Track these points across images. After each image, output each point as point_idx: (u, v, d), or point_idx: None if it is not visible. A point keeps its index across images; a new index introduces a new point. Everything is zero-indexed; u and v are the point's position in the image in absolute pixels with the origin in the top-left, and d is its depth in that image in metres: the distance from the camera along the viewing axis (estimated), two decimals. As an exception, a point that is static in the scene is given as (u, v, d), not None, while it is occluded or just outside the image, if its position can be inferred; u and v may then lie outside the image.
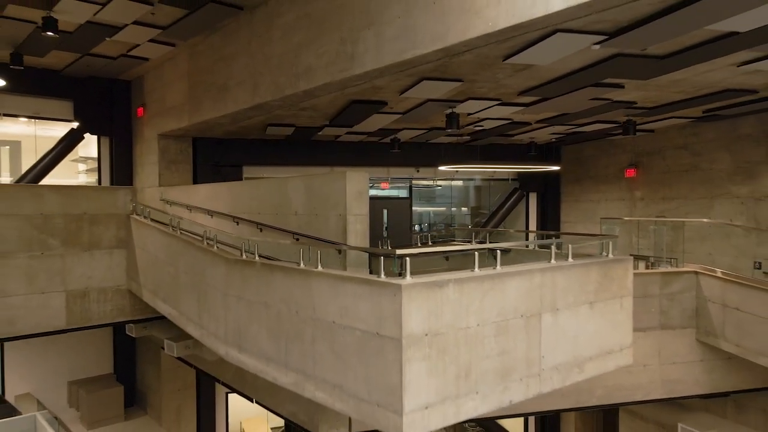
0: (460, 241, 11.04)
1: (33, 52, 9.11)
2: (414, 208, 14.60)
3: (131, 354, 12.75)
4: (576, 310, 4.90)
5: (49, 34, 7.51)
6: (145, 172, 11.00)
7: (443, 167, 12.05)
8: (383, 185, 13.83)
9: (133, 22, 7.86)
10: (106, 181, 11.57)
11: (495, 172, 14.19)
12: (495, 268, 4.42)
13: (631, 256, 5.74)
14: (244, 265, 5.51)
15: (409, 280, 3.84)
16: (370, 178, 6.10)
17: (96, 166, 11.88)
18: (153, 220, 8.41)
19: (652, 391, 7.91)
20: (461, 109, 8.55)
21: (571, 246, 5.13)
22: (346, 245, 5.53)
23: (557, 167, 13.46)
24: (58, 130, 11.27)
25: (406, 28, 5.30)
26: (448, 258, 7.95)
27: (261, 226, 7.07)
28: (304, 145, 11.92)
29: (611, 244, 5.54)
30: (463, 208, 16.99)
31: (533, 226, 14.54)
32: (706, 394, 8.24)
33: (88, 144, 12.02)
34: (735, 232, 9.91)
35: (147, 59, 9.77)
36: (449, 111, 8.59)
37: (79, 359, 11.98)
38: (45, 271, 8.36)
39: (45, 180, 10.60)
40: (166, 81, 10.02)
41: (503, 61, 5.90)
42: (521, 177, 14.37)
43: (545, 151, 13.95)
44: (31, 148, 11.29)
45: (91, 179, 13.22)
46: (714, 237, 10.20)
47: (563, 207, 14.36)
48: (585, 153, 13.57)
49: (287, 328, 4.83)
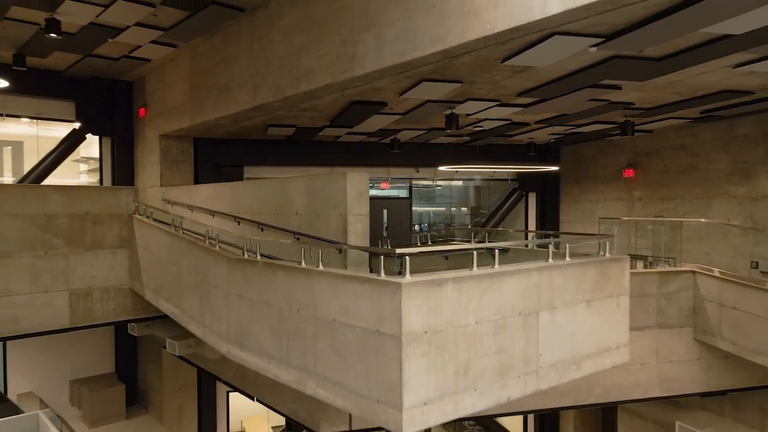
0: (459, 241, 11.10)
1: (35, 53, 9.17)
2: (414, 208, 14.66)
3: (133, 353, 12.81)
4: (573, 309, 4.97)
5: (53, 35, 7.56)
6: (147, 173, 11.06)
7: (443, 167, 12.11)
8: (383, 185, 13.88)
9: (135, 24, 7.92)
10: (107, 181, 11.62)
11: (494, 172, 14.24)
12: (493, 267, 4.48)
13: (628, 256, 5.80)
14: (246, 264, 5.58)
15: (408, 278, 3.91)
16: (370, 179, 6.16)
17: (98, 166, 11.94)
18: (155, 219, 8.47)
19: (650, 390, 7.96)
20: (461, 109, 8.61)
21: (568, 245, 5.19)
22: (346, 245, 5.60)
23: (556, 167, 13.52)
24: (60, 131, 11.34)
25: (405, 30, 5.37)
26: (447, 257, 8.01)
27: (262, 226, 7.13)
28: (305, 146, 11.98)
29: (608, 243, 5.61)
30: (462, 208, 17.05)
31: (532, 226, 14.59)
32: (704, 393, 8.28)
33: (90, 144, 12.08)
34: (732, 232, 9.96)
35: (149, 60, 9.83)
36: (449, 112, 8.65)
37: (81, 358, 12.04)
38: (48, 270, 8.42)
39: (47, 180, 10.66)
40: (167, 82, 10.08)
41: (502, 62, 5.96)
42: (520, 177, 14.42)
43: (544, 152, 14.01)
44: (33, 148, 11.37)
45: (92, 179, 13.27)
46: (712, 237, 10.26)
47: (562, 207, 14.41)
48: (584, 153, 13.63)
49: (289, 327, 4.90)
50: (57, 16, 7.46)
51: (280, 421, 13.38)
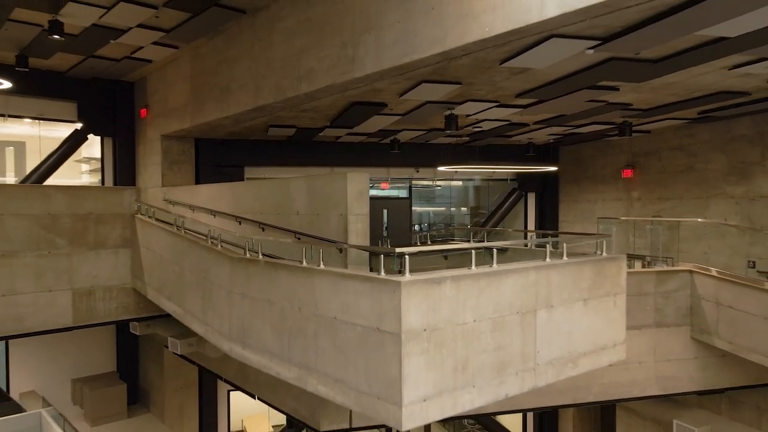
0: (459, 241, 11.16)
1: (38, 54, 9.22)
2: (414, 208, 14.71)
3: (134, 352, 12.86)
4: (570, 307, 5.04)
5: (55, 37, 7.60)
6: (148, 173, 11.11)
7: (442, 168, 12.16)
8: (383, 185, 13.93)
9: (138, 25, 7.96)
10: (109, 181, 11.67)
11: (494, 172, 14.28)
12: (491, 266, 4.55)
13: (625, 255, 5.86)
14: (248, 263, 5.65)
15: (408, 277, 3.98)
16: (370, 179, 6.23)
17: (99, 166, 12.00)
18: (158, 219, 8.53)
19: (648, 388, 8.01)
20: (460, 110, 8.66)
21: (565, 245, 5.26)
22: (347, 244, 5.66)
23: (555, 167, 13.58)
24: (62, 131, 11.38)
25: (405, 32, 5.43)
26: (447, 257, 8.07)
27: (263, 226, 7.19)
28: (305, 146, 12.03)
29: (605, 243, 5.68)
30: (462, 208, 17.11)
31: (532, 226, 14.63)
32: (701, 391, 8.33)
33: (92, 144, 12.14)
34: (730, 232, 10.02)
35: (150, 61, 9.88)
36: (448, 112, 8.69)
37: (82, 357, 12.10)
38: (52, 269, 8.49)
39: (49, 180, 10.72)
40: (169, 82, 10.13)
41: (500, 64, 6.02)
42: (520, 177, 14.47)
43: (543, 152, 14.06)
44: (35, 148, 11.41)
45: (94, 179, 13.33)
46: (709, 236, 10.31)
47: (561, 207, 14.47)
48: (583, 153, 13.68)
49: (290, 325, 4.97)
50: (60, 17, 7.49)
51: (281, 420, 13.45)
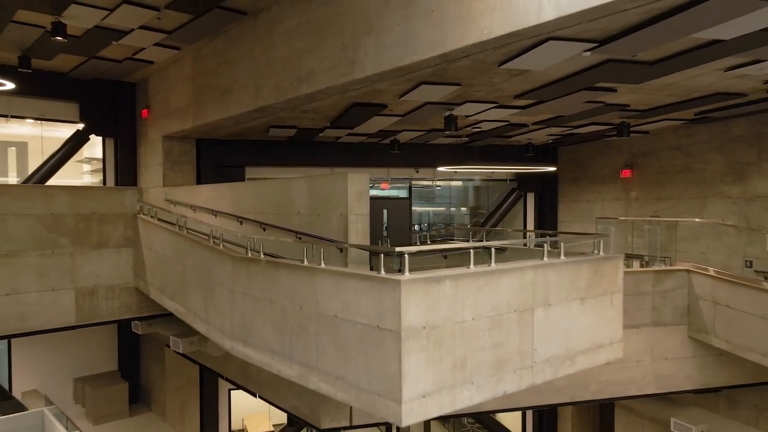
0: (458, 240, 11.22)
1: (41, 55, 9.27)
2: (413, 208, 14.76)
3: (135, 351, 12.94)
4: (567, 306, 5.11)
5: (58, 38, 7.63)
6: (150, 173, 11.17)
7: (442, 168, 12.21)
8: (383, 186, 13.98)
9: (140, 27, 7.99)
10: (110, 181, 11.73)
11: (493, 172, 14.31)
12: (490, 266, 4.62)
13: (622, 254, 5.94)
14: (250, 262, 5.72)
15: (407, 275, 4.05)
16: (370, 179, 6.28)
17: (101, 166, 12.06)
18: (160, 219, 8.60)
19: (645, 387, 8.07)
20: (459, 111, 8.71)
21: (563, 244, 5.33)
22: (347, 243, 5.73)
23: (554, 168, 13.63)
24: (64, 132, 11.45)
25: (405, 34, 5.49)
26: (446, 256, 8.13)
27: (264, 226, 7.25)
28: (306, 147, 12.07)
29: (602, 242, 5.75)
30: (462, 208, 17.16)
31: (531, 226, 14.67)
32: (698, 390, 8.40)
33: (93, 145, 12.20)
34: (727, 232, 10.07)
35: (152, 62, 9.94)
36: (447, 113, 8.72)
37: (84, 356, 12.18)
38: (55, 269, 8.57)
39: (51, 180, 10.79)
40: (170, 83, 10.19)
41: (499, 66, 6.08)
42: (519, 177, 14.50)
43: (543, 152, 14.11)
44: (37, 149, 11.48)
45: (95, 180, 13.40)
46: (707, 236, 10.37)
47: (560, 207, 14.51)
48: (582, 154, 13.73)
49: (291, 323, 5.04)
50: (63, 19, 7.52)
51: (281, 419, 13.50)
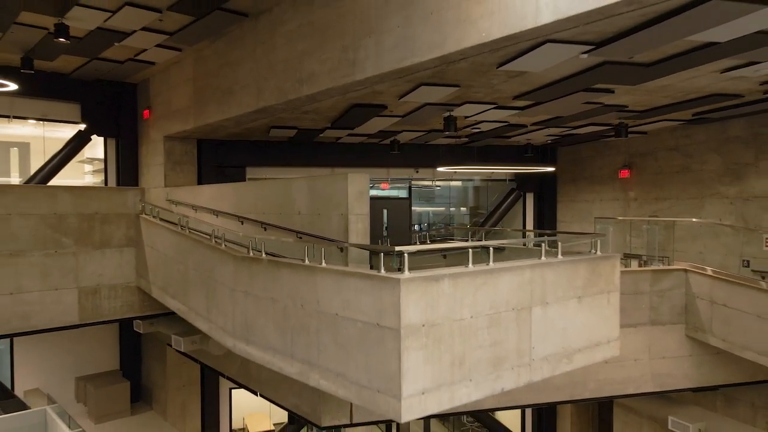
0: (458, 240, 11.27)
1: (43, 56, 9.34)
2: (413, 208, 14.80)
3: (137, 350, 13.00)
4: (565, 304, 5.18)
5: (61, 40, 7.69)
6: (151, 173, 11.23)
7: (442, 168, 12.27)
8: (383, 186, 14.02)
9: (142, 28, 8.05)
10: (112, 181, 11.80)
11: (493, 172, 14.36)
12: (488, 265, 4.70)
13: (619, 254, 6.01)
14: (252, 262, 5.79)
15: (407, 274, 4.12)
16: (370, 179, 6.35)
17: (102, 167, 12.12)
18: (162, 219, 8.67)
19: (643, 385, 8.14)
20: (458, 112, 8.76)
21: (560, 244, 5.41)
22: (348, 243, 5.80)
23: (553, 168, 13.69)
24: (66, 132, 11.50)
25: (405, 37, 5.57)
26: (445, 256, 8.19)
27: (265, 226, 7.32)
28: (306, 147, 12.13)
29: (599, 242, 5.82)
30: (461, 208, 17.21)
31: (530, 226, 14.72)
32: (696, 388, 8.46)
33: (95, 145, 12.25)
34: (724, 232, 10.14)
35: (153, 63, 10.00)
36: (447, 114, 8.78)
37: (86, 355, 12.24)
38: (58, 268, 8.63)
39: (53, 181, 10.85)
40: (171, 84, 10.25)
41: (497, 68, 6.14)
42: (518, 177, 14.54)
43: (542, 153, 14.17)
44: (39, 149, 11.54)
45: (97, 180, 13.46)
46: (705, 236, 10.44)
47: (559, 207, 14.57)
48: (580, 154, 13.79)
49: (293, 321, 5.11)
50: (66, 21, 7.58)
51: (282, 418, 13.57)
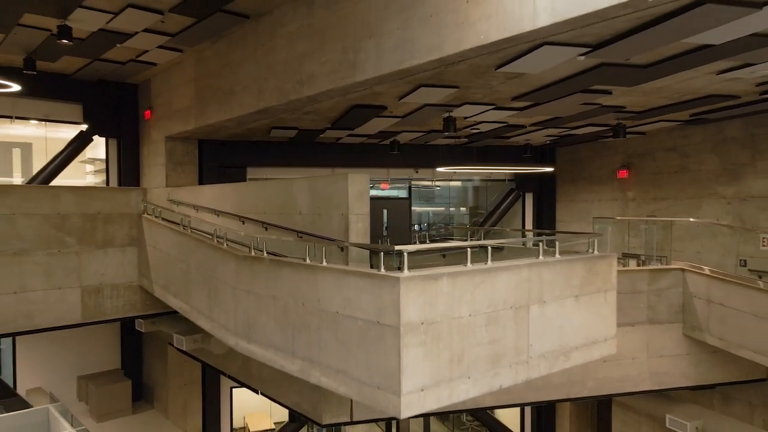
0: (457, 240, 11.34)
1: (46, 57, 9.41)
2: (413, 208, 14.87)
3: (138, 349, 13.07)
4: (562, 303, 5.25)
5: (64, 41, 7.76)
6: (153, 173, 11.31)
7: (441, 168, 12.33)
8: (383, 186, 14.08)
9: (144, 30, 8.14)
10: (113, 182, 11.86)
11: (492, 173, 14.41)
12: (486, 264, 4.77)
13: (615, 253, 6.07)
14: (254, 261, 5.86)
15: (406, 273, 4.19)
16: (370, 179, 6.42)
17: (104, 167, 12.19)
18: (164, 219, 8.74)
19: (641, 383, 8.20)
20: (458, 113, 8.82)
21: (557, 243, 5.48)
22: (348, 242, 5.88)
23: (552, 168, 13.76)
24: (68, 133, 11.57)
25: (404, 39, 5.64)
26: (445, 255, 8.25)
27: (266, 225, 7.40)
28: (307, 147, 12.20)
29: (596, 241, 5.89)
30: (461, 208, 17.28)
31: (529, 226, 14.77)
32: (693, 387, 8.53)
33: (96, 146, 12.32)
34: (721, 231, 10.21)
35: (155, 64, 10.08)
36: (446, 115, 8.84)
37: (88, 355, 12.31)
38: (62, 268, 8.69)
39: (55, 181, 10.92)
40: (173, 85, 10.33)
41: (496, 69, 6.21)
42: (518, 178, 14.59)
43: (541, 153, 14.24)
44: (41, 149, 11.61)
45: (98, 180, 13.53)
46: (702, 236, 10.51)
47: (558, 207, 14.63)
48: (579, 154, 13.85)
49: (294, 319, 5.19)
50: (69, 22, 7.66)
51: (282, 417, 13.64)
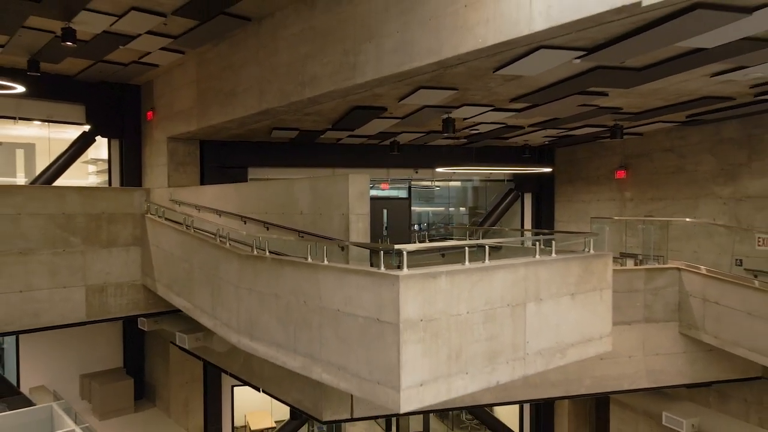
0: (456, 239, 11.44)
1: (49, 59, 9.51)
2: (413, 208, 14.94)
3: (140, 348, 13.17)
4: (558, 301, 5.36)
5: (68, 44, 7.86)
6: (154, 174, 11.40)
7: (441, 169, 12.41)
8: (383, 186, 14.14)
9: (147, 32, 8.23)
10: (116, 182, 11.96)
11: (491, 173, 14.47)
12: (484, 262, 4.88)
13: (611, 252, 6.17)
14: (256, 260, 5.97)
15: (406, 271, 4.30)
16: (370, 179, 6.52)
17: (106, 167, 12.29)
18: (167, 219, 8.85)
19: (637, 381, 8.31)
20: (457, 114, 8.90)
21: (554, 242, 5.59)
22: (349, 242, 5.99)
23: (550, 169, 13.85)
24: (71, 133, 11.67)
25: (404, 42, 5.75)
26: (444, 255, 8.36)
27: (268, 225, 7.50)
28: (308, 148, 12.27)
29: (592, 240, 6.00)
30: (460, 208, 17.37)
31: (528, 226, 14.82)
32: (690, 384, 8.63)
33: (98, 146, 12.42)
34: (718, 231, 10.30)
35: (157, 66, 10.17)
36: (445, 116, 8.90)
37: (90, 353, 12.42)
38: (67, 267, 8.81)
39: (58, 181, 11.02)
40: (175, 86, 10.42)
41: (494, 72, 6.31)
42: (516, 178, 14.65)
43: (539, 153, 14.31)
44: (44, 150, 11.71)
45: (100, 180, 13.64)
46: (699, 236, 10.60)
47: (557, 207, 14.70)
48: (577, 155, 13.94)
49: (296, 317, 5.30)
50: (73, 25, 7.76)
51: (283, 416, 13.73)
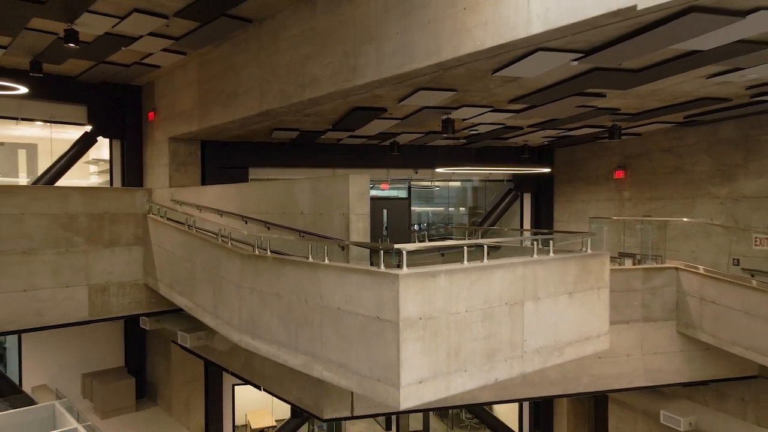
0: (456, 239, 11.50)
1: (52, 60, 9.56)
2: (413, 208, 14.99)
3: (142, 347, 13.23)
4: (556, 300, 5.44)
5: (71, 45, 7.92)
6: (156, 174, 11.47)
7: (441, 169, 12.48)
8: (383, 186, 14.19)
9: (149, 34, 8.30)
10: (117, 182, 12.02)
11: (491, 173, 14.52)
12: (482, 262, 4.95)
13: (608, 252, 6.24)
14: (258, 259, 6.04)
15: (405, 270, 4.37)
16: (370, 180, 6.58)
17: (107, 167, 12.36)
18: (169, 219, 8.92)
19: (635, 380, 8.38)
20: (456, 115, 8.95)
21: (552, 242, 5.66)
22: (349, 241, 6.06)
23: (550, 169, 13.91)
24: (73, 134, 11.74)
25: (403, 44, 5.81)
26: (443, 254, 8.42)
27: (269, 225, 7.57)
28: (308, 148, 12.33)
29: (590, 240, 6.07)
30: (460, 208, 17.43)
31: (528, 225, 14.87)
32: (687, 383, 8.70)
33: (100, 146, 12.49)
34: (715, 231, 10.36)
35: (159, 66, 10.23)
36: (445, 117, 8.94)
37: (92, 352, 12.49)
38: (70, 266, 8.89)
39: (59, 181, 11.09)
40: (176, 87, 10.48)
41: (492, 74, 6.37)
42: (516, 178, 14.70)
43: (538, 154, 14.36)
44: (46, 150, 11.78)
45: (102, 180, 13.70)
46: (696, 235, 10.66)
47: (556, 207, 14.75)
48: (576, 155, 14.00)
49: (297, 315, 5.37)
50: (75, 26, 7.81)
51: (283, 415, 13.79)
